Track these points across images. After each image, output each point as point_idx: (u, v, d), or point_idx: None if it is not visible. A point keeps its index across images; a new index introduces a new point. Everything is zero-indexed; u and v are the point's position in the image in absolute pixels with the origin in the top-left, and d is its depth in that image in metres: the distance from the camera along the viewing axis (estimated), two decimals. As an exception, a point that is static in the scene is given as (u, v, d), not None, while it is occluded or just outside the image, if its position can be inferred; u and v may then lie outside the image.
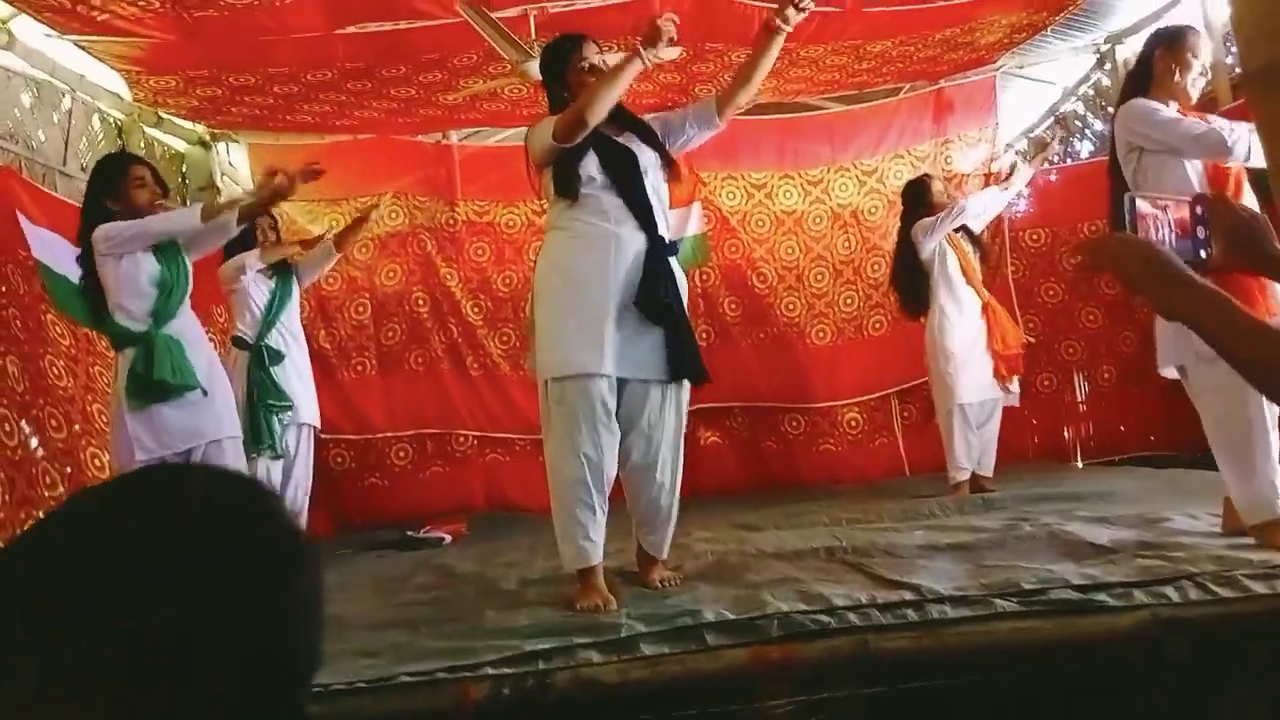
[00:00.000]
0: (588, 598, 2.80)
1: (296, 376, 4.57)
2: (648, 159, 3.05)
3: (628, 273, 2.95)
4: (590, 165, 2.98)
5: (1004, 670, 2.22)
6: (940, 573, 2.81)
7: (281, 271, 4.71)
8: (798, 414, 6.41)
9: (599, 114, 2.90)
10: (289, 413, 4.45)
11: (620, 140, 3.06)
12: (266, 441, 4.28)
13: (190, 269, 3.66)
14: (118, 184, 3.54)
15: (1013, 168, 5.90)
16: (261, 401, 4.34)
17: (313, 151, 6.28)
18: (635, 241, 2.97)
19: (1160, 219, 1.43)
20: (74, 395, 3.58)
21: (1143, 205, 1.42)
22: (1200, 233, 1.45)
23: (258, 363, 4.41)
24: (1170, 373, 3.16)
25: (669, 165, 3.12)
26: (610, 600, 2.79)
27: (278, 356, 4.46)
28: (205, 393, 3.44)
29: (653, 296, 2.93)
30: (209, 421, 3.48)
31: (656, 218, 3.03)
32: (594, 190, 2.98)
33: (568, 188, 2.97)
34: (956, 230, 5.02)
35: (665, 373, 2.98)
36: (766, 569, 3.10)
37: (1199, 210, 1.46)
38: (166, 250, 3.55)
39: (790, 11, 2.85)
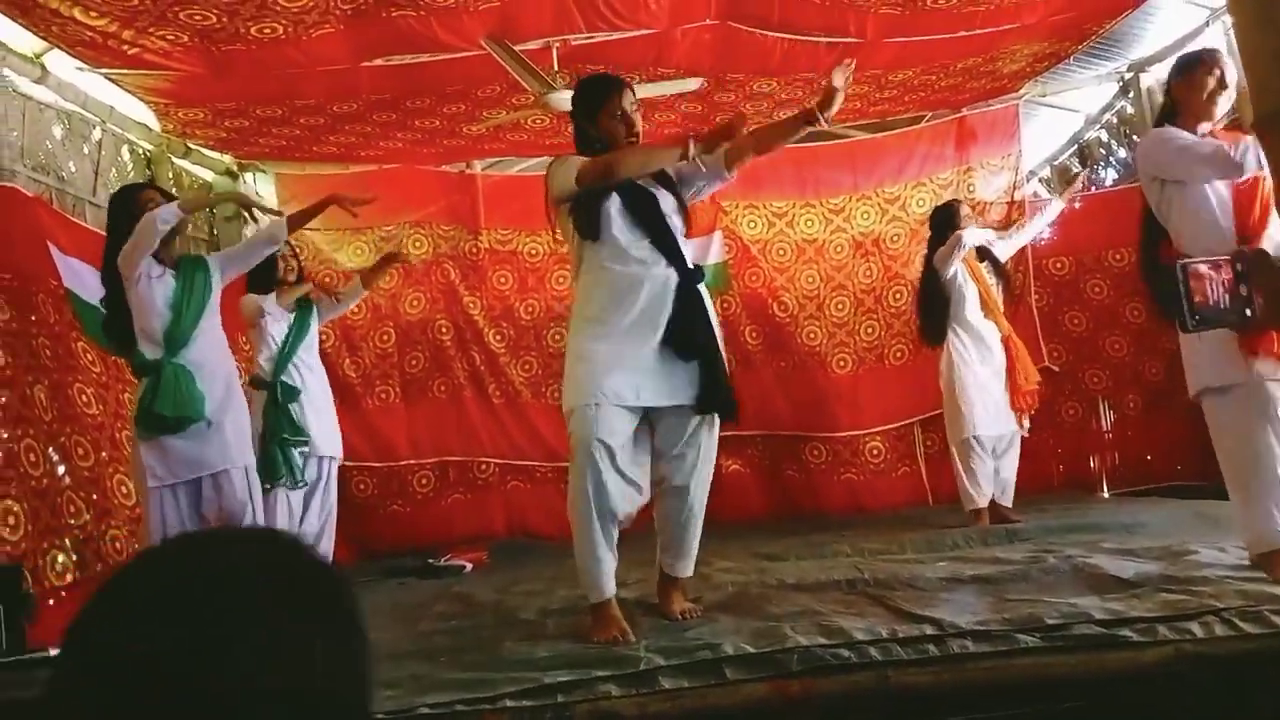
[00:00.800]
0: (603, 630, 2.81)
1: (313, 411, 4.57)
2: (668, 202, 3.07)
3: (661, 310, 2.97)
4: (613, 207, 3.00)
5: (1025, 706, 2.20)
6: (962, 606, 2.79)
7: (300, 307, 4.73)
8: (819, 443, 6.38)
9: (630, 176, 2.96)
10: (306, 446, 4.47)
11: (640, 182, 3.07)
12: (283, 473, 4.29)
13: (213, 288, 3.68)
14: (134, 210, 3.62)
15: (1022, 204, 5.95)
16: (276, 437, 4.36)
17: (339, 181, 6.38)
18: (667, 279, 3.00)
19: (1214, 280, 1.45)
20: (103, 422, 3.62)
21: (1197, 267, 1.44)
22: (1243, 290, 1.46)
23: (273, 399, 4.44)
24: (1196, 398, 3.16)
25: (683, 209, 3.13)
26: (627, 631, 2.79)
27: (293, 393, 4.47)
28: (210, 423, 3.46)
29: (689, 336, 2.97)
30: (215, 452, 3.49)
31: (683, 252, 3.06)
32: (620, 232, 3.00)
33: (591, 229, 3.00)
34: (981, 260, 5.00)
35: (697, 404, 3.00)
36: (787, 601, 3.09)
37: (1239, 267, 1.47)
38: (185, 269, 3.61)
39: (831, 113, 2.86)
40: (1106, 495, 6.17)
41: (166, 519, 3.33)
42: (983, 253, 5.07)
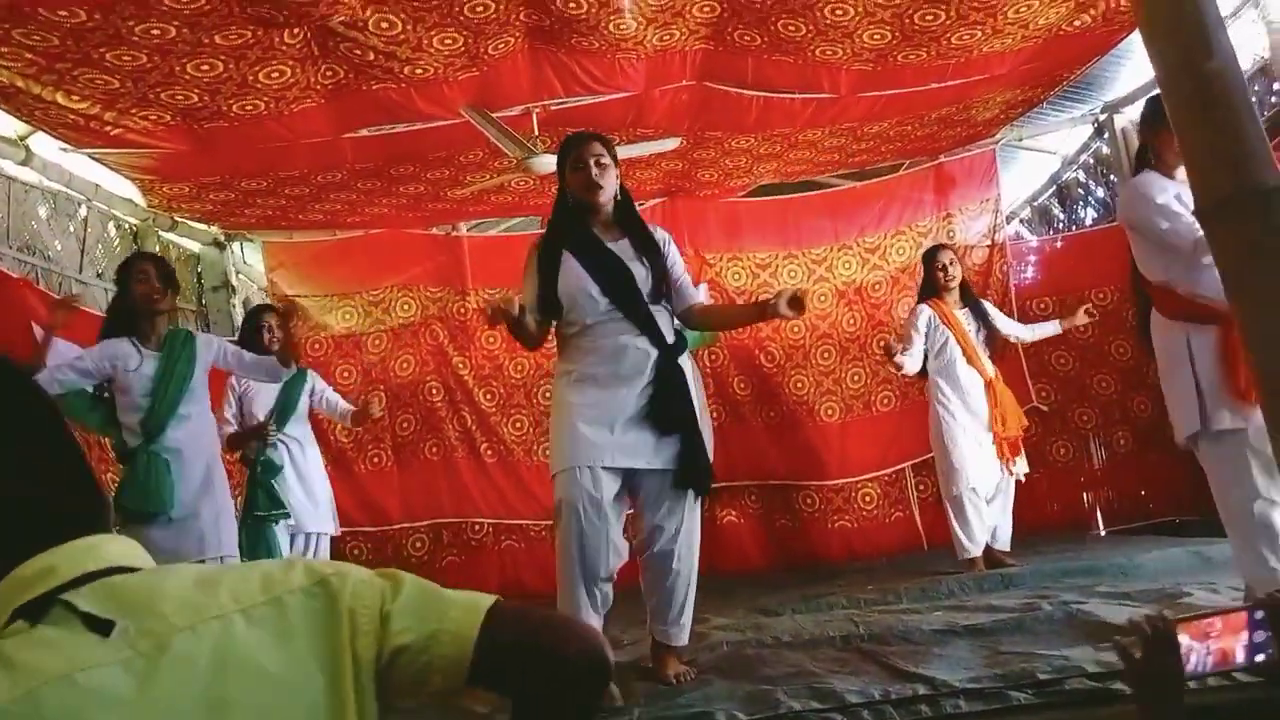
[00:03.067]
0: None
1: (300, 486, 4.54)
2: (640, 273, 3.10)
3: (639, 380, 3.02)
4: (585, 281, 3.05)
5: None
6: (956, 662, 2.78)
7: (289, 381, 4.64)
8: (811, 491, 6.38)
9: (523, 344, 3.10)
10: (287, 520, 4.41)
11: (615, 249, 3.12)
12: (262, 551, 4.24)
13: (195, 371, 3.70)
14: (125, 279, 3.70)
15: (1003, 247, 6.00)
16: (251, 512, 4.33)
17: (325, 247, 6.43)
18: (646, 353, 3.05)
19: (1199, 652, 1.48)
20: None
21: (1184, 639, 1.46)
22: (1259, 636, 1.49)
23: (253, 475, 4.41)
24: (1186, 443, 3.18)
25: (660, 279, 3.15)
26: (613, 698, 2.77)
27: (274, 470, 4.43)
28: (186, 514, 3.51)
29: (666, 412, 3.01)
30: (192, 543, 3.51)
31: (661, 327, 3.10)
32: (591, 307, 3.05)
33: (551, 309, 3.09)
34: (962, 307, 5.02)
35: (675, 478, 3.03)
36: (782, 661, 3.08)
37: (1258, 615, 1.49)
38: (169, 349, 3.66)
39: (791, 312, 2.98)
40: (1102, 533, 6.16)
41: None
42: (972, 306, 5.07)
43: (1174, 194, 3.08)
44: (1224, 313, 2.98)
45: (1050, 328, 5.43)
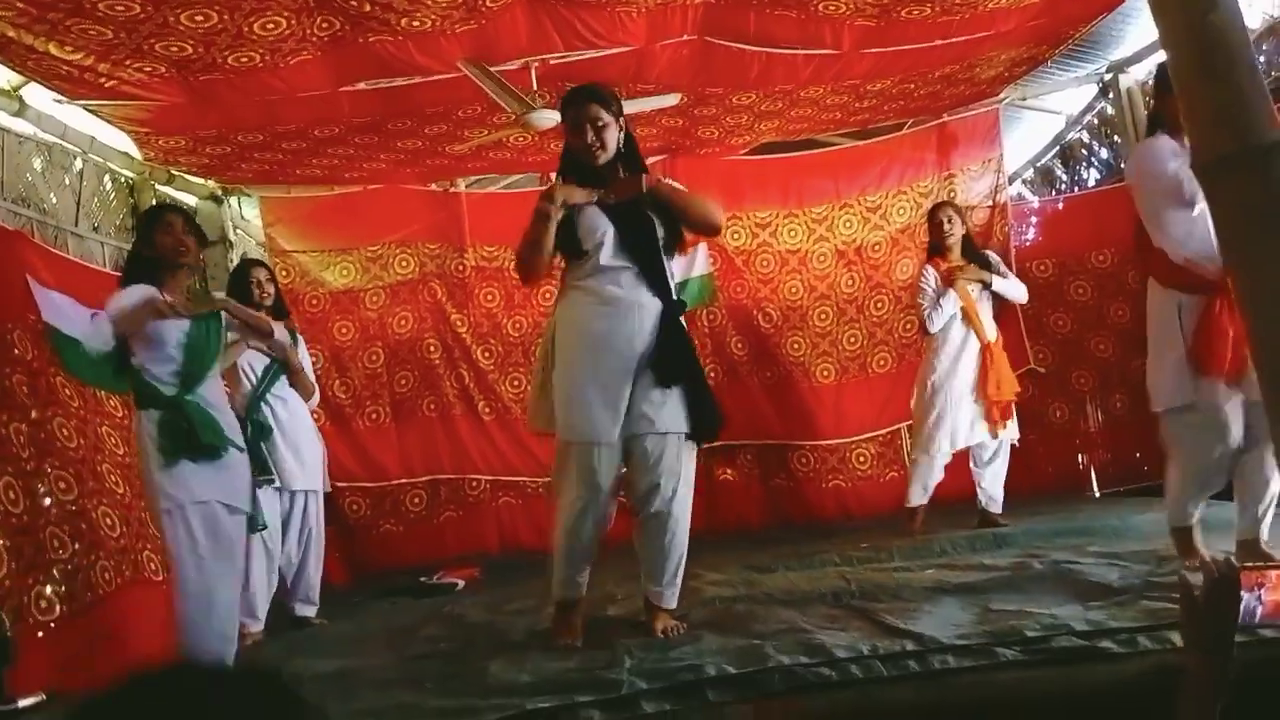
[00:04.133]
0: (559, 634, 3.10)
1: (286, 446, 4.46)
2: (662, 232, 3.12)
3: (643, 337, 3.04)
4: (608, 232, 3.06)
5: (1007, 720, 2.21)
6: (945, 619, 2.80)
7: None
8: (807, 451, 6.40)
9: (527, 271, 3.14)
10: (272, 484, 4.34)
11: (641, 208, 3.11)
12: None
13: (223, 334, 3.73)
14: (148, 231, 3.64)
15: (1005, 207, 5.95)
16: None
17: (323, 203, 6.40)
18: (651, 307, 3.06)
19: (1250, 600, 1.55)
20: (84, 456, 3.60)
21: (1246, 594, 1.51)
22: None
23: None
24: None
25: (677, 239, 3.20)
26: (577, 636, 3.08)
27: (264, 431, 4.37)
28: (229, 458, 3.53)
29: (672, 365, 3.04)
30: (228, 483, 3.52)
31: (669, 283, 3.13)
32: (609, 257, 3.06)
33: (572, 245, 3.09)
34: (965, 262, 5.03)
35: (685, 427, 3.07)
36: (773, 617, 3.10)
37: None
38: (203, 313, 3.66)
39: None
40: (1097, 495, 6.18)
41: (181, 541, 3.36)
42: (977, 261, 5.07)
43: (1184, 160, 3.07)
44: (1215, 282, 3.03)
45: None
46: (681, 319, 3.16)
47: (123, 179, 5.48)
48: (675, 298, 3.16)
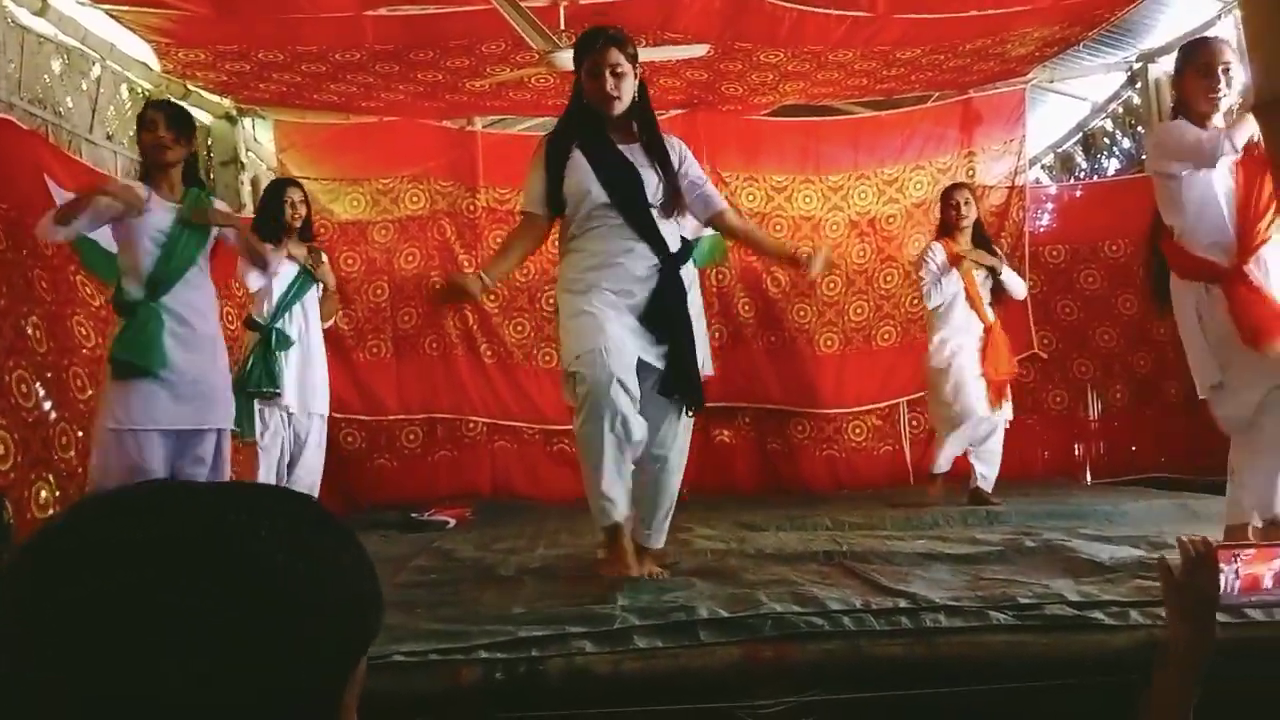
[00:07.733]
0: (611, 565, 2.95)
1: (306, 366, 4.46)
2: (651, 183, 3.04)
3: (639, 286, 3.01)
4: (592, 185, 3.00)
5: (996, 683, 2.22)
6: (937, 583, 2.80)
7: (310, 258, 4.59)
8: (804, 419, 6.40)
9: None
10: (276, 398, 4.32)
11: (626, 153, 3.05)
12: (243, 427, 4.14)
13: (210, 236, 3.49)
14: (138, 130, 3.48)
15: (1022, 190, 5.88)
16: (245, 385, 4.19)
17: (337, 131, 6.34)
18: (647, 259, 3.02)
19: (1228, 574, 1.64)
20: (101, 355, 3.53)
21: (1224, 567, 1.59)
22: None
23: (265, 345, 4.32)
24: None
25: (672, 190, 3.09)
26: (626, 568, 2.91)
27: (286, 342, 4.35)
28: (175, 379, 3.24)
29: (662, 317, 3.01)
30: (189, 411, 3.29)
31: (665, 236, 3.05)
32: (599, 212, 3.01)
33: (555, 203, 3.06)
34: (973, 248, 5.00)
35: (660, 385, 3.03)
36: (764, 570, 3.10)
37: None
38: (190, 204, 3.46)
39: (818, 273, 3.16)
40: (1090, 483, 6.20)
41: (109, 466, 3.07)
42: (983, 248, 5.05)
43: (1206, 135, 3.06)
44: (1228, 271, 3.02)
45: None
46: (683, 276, 3.10)
47: (140, 89, 5.42)
48: (675, 249, 3.08)
